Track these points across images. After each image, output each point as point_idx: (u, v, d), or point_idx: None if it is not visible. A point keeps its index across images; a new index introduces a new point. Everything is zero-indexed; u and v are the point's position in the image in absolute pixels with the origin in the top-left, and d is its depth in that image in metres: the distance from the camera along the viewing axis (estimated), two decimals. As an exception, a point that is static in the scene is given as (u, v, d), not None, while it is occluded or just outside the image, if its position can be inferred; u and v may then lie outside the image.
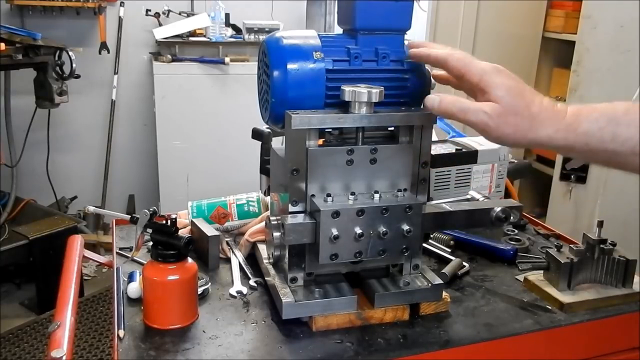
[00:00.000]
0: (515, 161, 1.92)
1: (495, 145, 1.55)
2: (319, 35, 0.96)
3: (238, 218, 1.25)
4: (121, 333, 0.91)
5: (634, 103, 0.81)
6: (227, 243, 1.22)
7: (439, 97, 0.84)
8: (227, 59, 3.28)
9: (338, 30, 1.04)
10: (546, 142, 0.81)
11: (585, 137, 0.80)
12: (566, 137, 0.80)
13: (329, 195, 0.92)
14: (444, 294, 1.01)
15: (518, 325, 0.98)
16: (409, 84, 0.98)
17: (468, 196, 1.33)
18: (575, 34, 2.90)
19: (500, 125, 0.79)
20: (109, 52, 3.42)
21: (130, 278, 1.06)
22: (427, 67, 0.99)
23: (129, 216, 1.12)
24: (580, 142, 0.80)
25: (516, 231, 1.36)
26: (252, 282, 1.08)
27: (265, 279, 1.07)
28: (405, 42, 0.98)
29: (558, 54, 3.72)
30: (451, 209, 0.99)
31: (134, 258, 1.18)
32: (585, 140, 0.80)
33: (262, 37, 3.07)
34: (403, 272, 1.02)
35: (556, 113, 0.81)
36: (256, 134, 1.64)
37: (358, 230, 0.89)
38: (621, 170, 0.84)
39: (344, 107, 0.92)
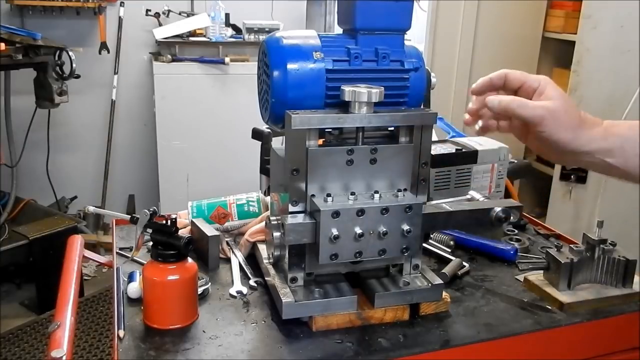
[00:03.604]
0: (515, 161, 1.92)
1: (495, 145, 1.56)
2: (319, 35, 0.96)
3: (238, 218, 1.25)
4: (121, 333, 0.91)
5: None
6: (227, 243, 1.22)
7: (497, 97, 0.91)
8: (227, 59, 3.27)
9: (338, 30, 1.04)
10: (586, 145, 0.87)
11: (620, 139, 0.87)
12: (605, 137, 0.87)
13: (329, 195, 0.92)
14: (444, 294, 1.01)
15: (518, 325, 0.98)
16: (409, 84, 0.98)
17: (468, 196, 1.33)
18: (575, 34, 2.90)
19: (555, 121, 0.87)
20: (109, 52, 3.42)
21: (130, 278, 1.06)
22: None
23: (129, 216, 1.13)
24: (616, 145, 0.87)
25: (516, 231, 1.36)
26: (252, 282, 1.08)
27: (265, 279, 1.07)
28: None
29: (558, 54, 3.73)
30: (451, 209, 0.99)
31: (134, 258, 1.18)
32: (621, 143, 0.87)
33: (262, 37, 3.07)
34: (403, 272, 1.02)
35: (595, 119, 0.90)
36: (256, 134, 1.64)
37: (358, 230, 0.89)
38: None
39: (344, 107, 0.92)
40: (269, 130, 1.60)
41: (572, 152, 0.89)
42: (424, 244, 1.21)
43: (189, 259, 0.95)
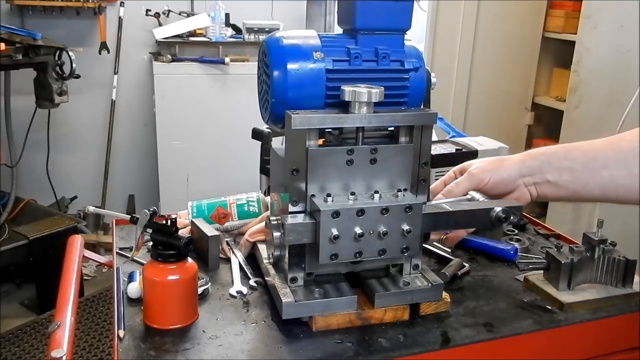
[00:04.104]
0: (515, 161, 1.91)
1: (495, 145, 1.56)
2: (319, 35, 0.96)
3: (238, 218, 1.25)
4: (121, 333, 0.91)
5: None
6: (227, 243, 1.22)
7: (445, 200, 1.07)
8: (227, 59, 3.28)
9: (338, 30, 1.04)
10: (515, 172, 1.04)
11: (543, 156, 1.02)
12: (523, 160, 1.03)
13: (329, 195, 0.92)
14: (444, 294, 1.00)
15: (518, 325, 0.98)
16: (409, 84, 0.98)
17: (468, 196, 1.32)
18: (575, 34, 2.91)
19: (480, 170, 1.07)
20: (109, 52, 3.42)
21: (130, 278, 1.06)
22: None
23: (129, 216, 1.12)
24: (540, 163, 1.02)
25: (516, 231, 1.36)
26: (252, 282, 1.08)
27: (265, 279, 1.07)
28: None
29: (558, 54, 3.73)
30: (451, 209, 0.99)
31: (134, 258, 1.18)
32: (545, 160, 1.01)
33: (262, 37, 3.07)
34: (403, 272, 1.02)
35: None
36: (256, 134, 1.64)
37: (358, 230, 0.89)
38: (589, 199, 1.06)
39: (344, 107, 0.92)
40: (269, 130, 1.60)
41: (514, 184, 1.04)
42: (424, 244, 1.20)
43: (189, 259, 0.95)
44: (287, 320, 0.93)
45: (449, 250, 1.23)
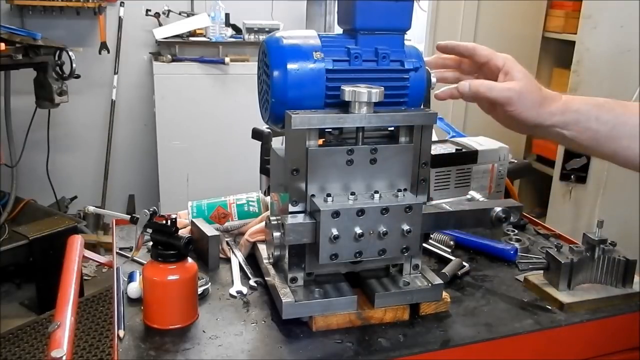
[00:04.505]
0: (515, 161, 1.92)
1: (495, 145, 1.56)
2: (319, 35, 0.96)
3: (238, 218, 1.25)
4: (121, 333, 0.91)
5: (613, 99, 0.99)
6: (227, 243, 1.22)
7: (468, 82, 0.99)
8: (227, 59, 3.28)
9: (338, 30, 1.04)
10: (548, 119, 0.96)
11: (576, 114, 0.96)
12: (563, 112, 0.96)
13: (329, 195, 0.92)
14: (444, 294, 1.00)
15: (518, 325, 0.98)
16: (409, 84, 0.98)
17: (468, 196, 1.33)
18: (575, 34, 2.90)
19: (521, 101, 0.95)
20: (109, 52, 3.42)
21: (130, 278, 1.06)
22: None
23: (129, 216, 1.13)
24: (572, 119, 0.96)
25: (516, 231, 1.36)
26: (252, 282, 1.08)
27: (265, 279, 1.07)
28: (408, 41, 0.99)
29: (558, 54, 3.72)
30: (451, 209, 0.99)
31: (134, 258, 1.18)
32: (577, 117, 0.96)
33: (262, 37, 3.07)
34: (403, 272, 1.02)
35: (555, 95, 0.98)
36: (256, 134, 1.64)
37: (358, 230, 0.89)
38: (599, 156, 1.01)
39: (344, 107, 0.92)
40: (269, 130, 1.60)
41: (535, 127, 0.98)
42: (424, 244, 1.20)
43: (189, 259, 0.95)
44: (287, 320, 0.93)
45: (449, 250, 1.23)
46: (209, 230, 1.17)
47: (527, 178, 3.43)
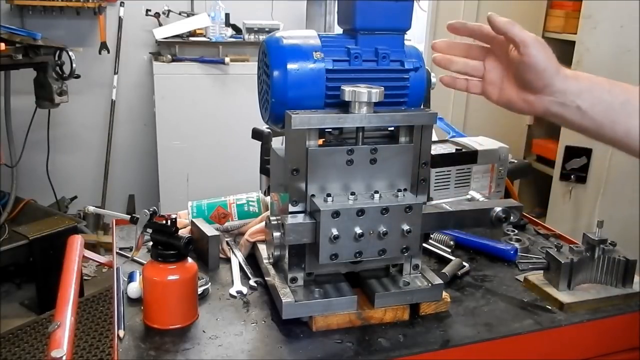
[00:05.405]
0: (515, 161, 1.92)
1: (495, 145, 1.56)
2: (319, 35, 0.96)
3: (238, 218, 1.25)
4: (121, 333, 0.91)
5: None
6: (227, 243, 1.22)
7: (495, 15, 0.97)
8: (227, 59, 3.27)
9: (338, 30, 1.04)
10: (562, 82, 0.93)
11: (589, 82, 0.93)
12: (577, 78, 0.93)
13: (329, 195, 0.92)
14: (444, 294, 1.00)
15: (518, 325, 0.98)
16: (409, 84, 0.98)
17: (468, 196, 1.33)
18: (575, 34, 2.90)
19: (544, 48, 0.93)
20: (109, 52, 3.42)
21: (130, 278, 1.06)
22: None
23: (129, 216, 1.12)
24: (586, 87, 0.93)
25: (516, 231, 1.36)
26: (252, 282, 1.08)
27: (265, 279, 1.07)
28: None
29: (558, 54, 3.69)
30: (451, 209, 0.99)
31: (134, 258, 1.18)
32: (590, 86, 0.93)
33: (262, 37, 3.07)
34: (403, 272, 1.02)
35: (565, 68, 0.95)
36: (256, 134, 1.64)
37: (358, 230, 0.89)
38: (609, 138, 0.95)
39: (344, 107, 0.92)
40: (269, 130, 1.60)
41: (548, 89, 0.93)
42: (424, 244, 1.20)
43: (189, 259, 0.95)
44: (287, 320, 0.93)
45: (449, 250, 1.23)
46: (209, 230, 1.17)
47: (527, 178, 3.43)
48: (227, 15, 3.39)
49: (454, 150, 1.51)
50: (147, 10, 3.35)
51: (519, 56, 0.93)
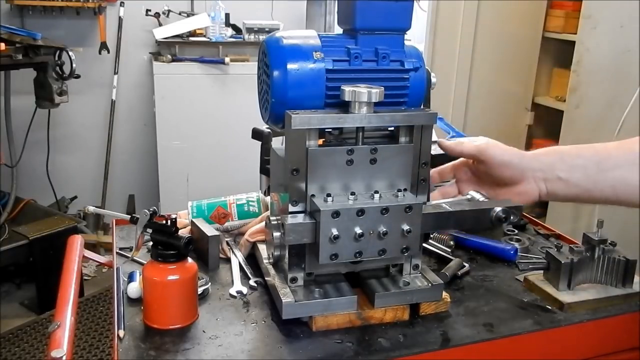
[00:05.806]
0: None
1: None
2: (319, 35, 0.96)
3: (238, 218, 1.25)
4: (121, 333, 0.91)
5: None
6: (227, 243, 1.22)
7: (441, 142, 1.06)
8: (227, 59, 3.28)
9: (338, 30, 1.04)
10: (532, 162, 1.00)
11: (559, 153, 1.00)
12: (546, 153, 1.00)
13: (329, 195, 0.92)
14: (444, 294, 1.00)
15: (518, 325, 0.98)
16: (409, 84, 0.98)
17: (468, 196, 1.32)
18: (575, 34, 2.91)
19: (497, 146, 1.01)
20: (109, 52, 3.42)
21: (130, 278, 1.06)
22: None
23: (129, 216, 1.12)
24: (557, 158, 0.99)
25: (516, 231, 1.36)
26: (252, 282, 1.08)
27: (265, 279, 1.07)
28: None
29: (558, 54, 3.72)
30: (451, 209, 0.99)
31: (134, 258, 1.18)
32: (560, 156, 0.99)
33: (262, 37, 3.07)
34: (403, 272, 1.02)
35: (529, 151, 1.04)
36: (256, 134, 1.64)
37: (358, 230, 0.89)
38: (599, 198, 1.02)
39: (344, 107, 0.92)
40: (269, 130, 1.60)
41: (526, 172, 0.99)
42: (424, 244, 1.20)
43: (189, 259, 0.95)
44: (287, 320, 0.93)
45: (449, 250, 1.23)
46: (209, 230, 1.17)
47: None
48: (227, 15, 3.40)
49: (454, 150, 1.50)
50: (147, 10, 3.36)
51: (482, 165, 1.01)
